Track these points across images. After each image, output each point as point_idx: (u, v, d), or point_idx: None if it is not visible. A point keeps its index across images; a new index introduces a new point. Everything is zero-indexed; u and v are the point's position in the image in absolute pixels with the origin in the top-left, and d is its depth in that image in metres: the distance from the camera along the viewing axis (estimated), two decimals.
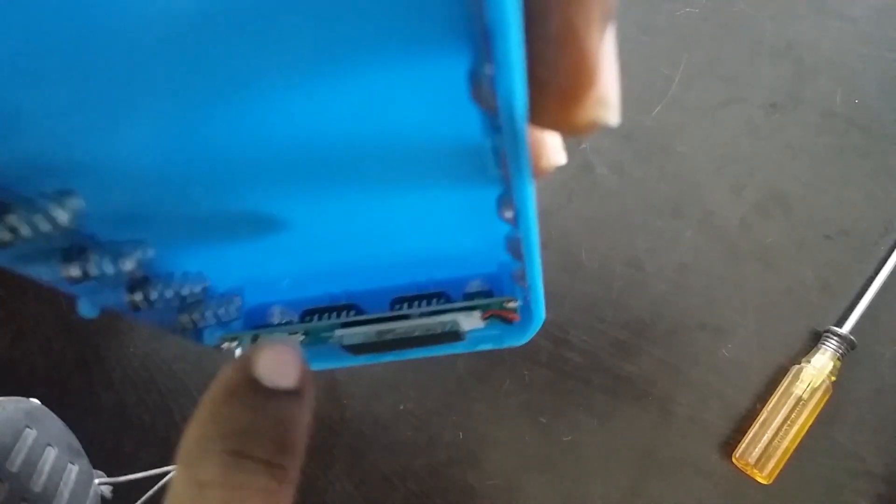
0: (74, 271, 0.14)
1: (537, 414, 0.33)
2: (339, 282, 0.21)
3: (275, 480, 0.13)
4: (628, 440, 0.33)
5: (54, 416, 0.27)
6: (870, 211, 0.35)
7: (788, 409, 0.32)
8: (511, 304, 0.20)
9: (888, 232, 0.34)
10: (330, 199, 0.16)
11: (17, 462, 0.24)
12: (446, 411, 0.34)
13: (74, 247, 0.14)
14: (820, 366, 0.32)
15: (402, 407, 0.34)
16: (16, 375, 0.34)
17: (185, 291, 0.18)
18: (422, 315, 0.20)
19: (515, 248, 0.17)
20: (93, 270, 0.14)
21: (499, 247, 0.19)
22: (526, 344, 0.33)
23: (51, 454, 0.26)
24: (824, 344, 0.32)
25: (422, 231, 0.19)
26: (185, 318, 0.18)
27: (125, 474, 0.33)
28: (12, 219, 0.12)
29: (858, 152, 0.36)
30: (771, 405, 0.32)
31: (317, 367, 0.23)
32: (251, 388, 0.14)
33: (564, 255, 0.35)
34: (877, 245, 0.34)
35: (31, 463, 0.24)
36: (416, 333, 0.21)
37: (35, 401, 0.26)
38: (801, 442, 0.31)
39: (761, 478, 0.31)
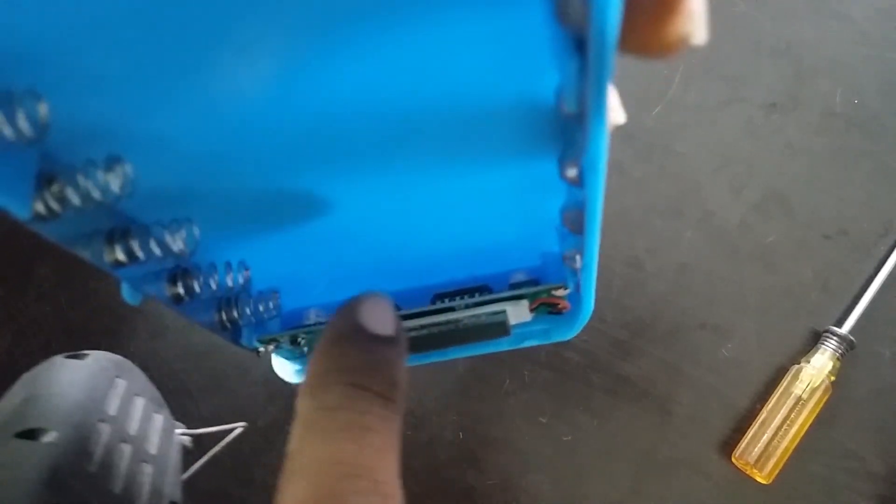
0: (119, 254, 0.14)
1: (537, 414, 0.33)
2: (377, 282, 0.19)
3: (388, 410, 0.16)
4: (628, 440, 0.33)
5: (139, 369, 0.28)
6: (869, 211, 0.35)
7: (788, 409, 0.32)
8: (560, 292, 0.19)
9: (888, 232, 0.34)
10: (377, 180, 0.16)
11: (113, 406, 0.25)
12: (446, 411, 0.34)
13: (119, 228, 0.14)
14: (819, 366, 0.32)
15: None
16: (16, 375, 0.34)
17: (227, 283, 0.17)
18: (467, 307, 0.19)
19: (574, 218, 0.16)
20: (137, 252, 0.14)
21: (547, 232, 0.18)
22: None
23: (139, 402, 0.27)
24: (824, 344, 0.32)
25: (468, 218, 0.18)
26: (225, 314, 0.18)
27: None
28: (62, 187, 0.12)
29: (858, 152, 0.36)
30: (770, 405, 0.32)
31: None
32: (359, 333, 0.16)
33: None
34: (876, 245, 0.34)
35: (125, 409, 0.25)
36: (462, 325, 0.19)
37: (119, 356, 0.27)
38: (800, 442, 0.32)
39: (761, 477, 0.31)
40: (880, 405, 0.33)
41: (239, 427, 0.30)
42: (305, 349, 0.21)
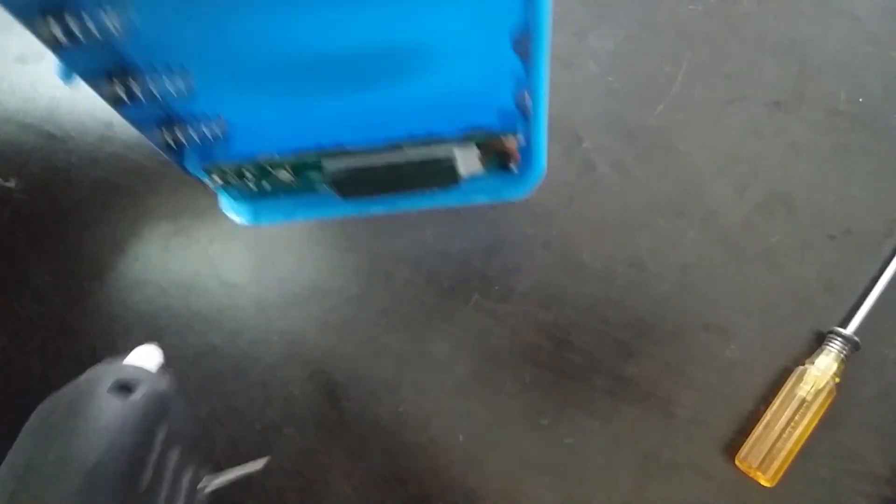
0: (55, 29, 0.14)
1: (538, 416, 0.33)
2: (332, 132, 0.19)
3: None
4: (630, 442, 0.32)
5: (181, 399, 0.25)
6: (874, 210, 0.34)
7: (792, 411, 0.31)
8: (512, 142, 0.19)
9: (893, 231, 0.34)
10: (338, 17, 0.15)
11: (150, 465, 0.22)
12: (446, 413, 0.33)
13: (55, 2, 0.14)
14: (824, 367, 0.32)
15: (401, 409, 0.33)
16: (11, 376, 0.34)
17: (167, 89, 0.17)
18: (416, 147, 0.19)
19: (524, 43, 0.16)
20: (73, 28, 0.14)
21: (501, 82, 0.18)
22: (526, 345, 0.33)
23: (174, 454, 0.24)
24: (828, 345, 0.32)
25: (426, 66, 0.18)
26: (168, 131, 0.18)
27: None
28: None
29: (863, 151, 0.35)
30: (774, 407, 0.32)
31: (303, 216, 0.22)
32: None
33: (566, 255, 0.35)
34: (881, 245, 0.34)
35: (160, 467, 0.23)
36: (410, 164, 0.19)
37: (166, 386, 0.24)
38: (804, 444, 0.31)
39: (764, 480, 0.31)
40: (885, 407, 0.32)
41: (262, 462, 0.29)
42: (254, 187, 0.21)
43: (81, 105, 0.39)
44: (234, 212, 0.22)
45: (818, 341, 0.33)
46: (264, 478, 0.32)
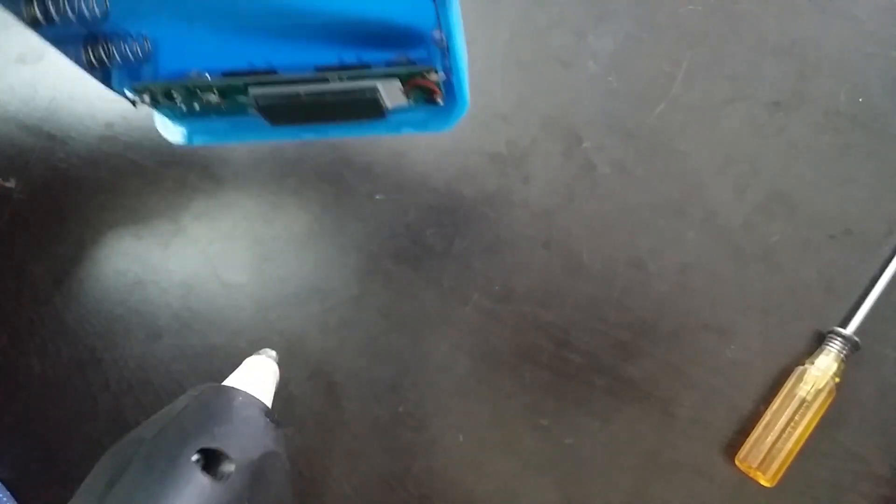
0: None
1: (538, 416, 0.33)
2: (261, 53, 0.19)
3: None
4: (630, 442, 0.32)
5: (284, 457, 0.22)
6: (874, 210, 0.34)
7: (792, 411, 0.31)
8: (433, 76, 0.19)
9: (893, 232, 0.34)
10: None
11: None
12: (446, 414, 0.33)
13: None
14: (824, 367, 0.32)
15: (401, 409, 0.33)
16: (11, 377, 0.34)
17: (83, 11, 0.17)
18: (340, 79, 0.19)
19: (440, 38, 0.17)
20: None
21: (421, 20, 0.19)
22: (526, 345, 0.33)
23: None
24: (828, 345, 0.32)
25: None
26: (91, 50, 0.18)
27: None
28: None
29: (863, 151, 0.35)
30: (774, 407, 0.32)
31: (235, 139, 0.22)
32: None
33: (566, 255, 0.35)
34: (881, 245, 0.34)
35: None
36: (334, 95, 0.19)
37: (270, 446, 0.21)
38: (804, 444, 0.31)
39: (764, 480, 0.31)
40: (885, 407, 0.32)
41: None
42: (183, 108, 0.21)
43: (81, 105, 0.39)
44: (167, 131, 0.23)
45: (818, 341, 0.33)
46: None
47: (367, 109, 0.20)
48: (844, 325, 0.33)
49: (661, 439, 0.32)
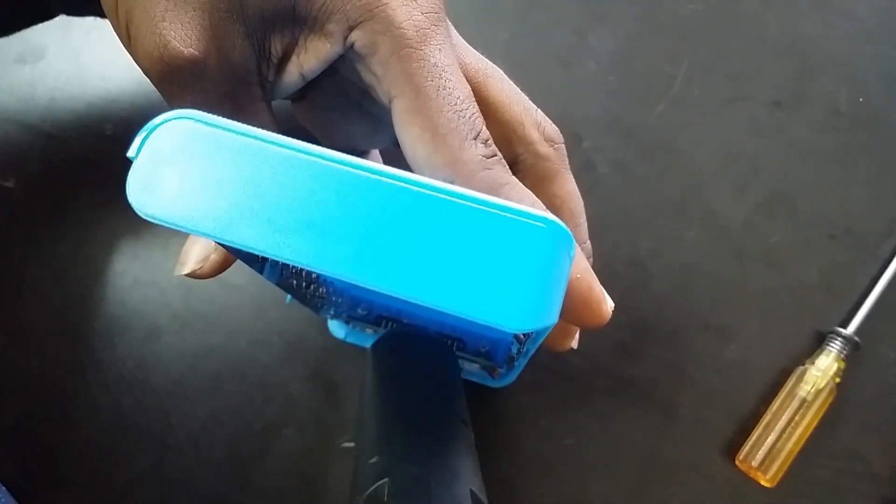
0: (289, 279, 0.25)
1: (538, 417, 0.33)
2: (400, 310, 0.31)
3: None
4: (631, 443, 0.32)
5: None
6: (875, 210, 0.34)
7: (792, 412, 0.31)
8: (498, 370, 0.32)
9: (893, 232, 0.34)
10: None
11: None
12: None
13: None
14: (824, 367, 0.32)
15: None
16: (11, 377, 0.34)
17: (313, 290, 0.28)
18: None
19: (512, 359, 0.28)
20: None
21: (503, 347, 0.30)
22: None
23: None
24: (828, 345, 0.32)
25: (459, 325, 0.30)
26: (306, 301, 0.29)
27: (121, 476, 0.32)
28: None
29: (863, 151, 0.35)
30: (775, 407, 0.32)
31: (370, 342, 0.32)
32: None
33: None
34: (881, 245, 0.34)
35: None
36: None
37: None
38: (805, 444, 0.31)
39: (765, 481, 0.31)
40: (886, 407, 0.32)
41: None
42: (347, 323, 0.33)
43: (81, 105, 0.38)
44: (335, 330, 0.34)
45: (818, 341, 0.33)
46: (263, 478, 0.32)
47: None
48: (845, 325, 0.33)
49: (661, 439, 0.32)
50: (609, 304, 0.21)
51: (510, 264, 0.14)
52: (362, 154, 0.27)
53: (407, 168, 0.20)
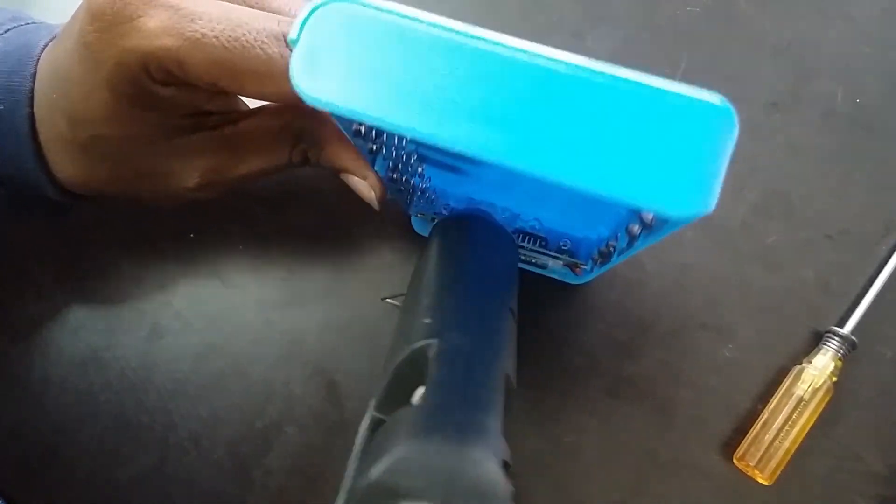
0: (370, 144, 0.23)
1: (536, 415, 0.33)
2: (489, 199, 0.31)
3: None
4: (629, 441, 0.33)
5: None
6: (871, 210, 0.35)
7: (790, 410, 0.31)
8: (581, 267, 0.32)
9: (889, 232, 0.34)
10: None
11: None
12: None
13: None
14: (821, 366, 0.32)
15: None
16: (11, 377, 0.34)
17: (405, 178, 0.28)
18: (530, 250, 0.32)
19: (608, 250, 0.27)
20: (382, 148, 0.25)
21: (602, 237, 0.28)
22: (526, 345, 0.33)
23: None
24: (825, 344, 0.32)
25: (567, 209, 0.29)
26: (401, 195, 0.30)
27: (123, 475, 0.33)
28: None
29: (860, 152, 0.36)
30: (772, 406, 0.32)
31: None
32: None
33: None
34: (878, 245, 0.34)
35: None
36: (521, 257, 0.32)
37: None
38: (802, 443, 0.31)
39: (762, 479, 0.31)
40: (882, 406, 0.33)
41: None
42: (432, 220, 0.33)
43: None
44: (418, 227, 0.35)
45: (816, 341, 0.33)
46: (265, 476, 0.32)
47: (535, 265, 0.33)
48: (842, 324, 0.33)
49: (659, 438, 0.32)
50: None
51: (680, 146, 0.13)
52: None
53: None
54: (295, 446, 0.33)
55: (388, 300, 0.34)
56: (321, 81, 0.14)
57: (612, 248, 0.26)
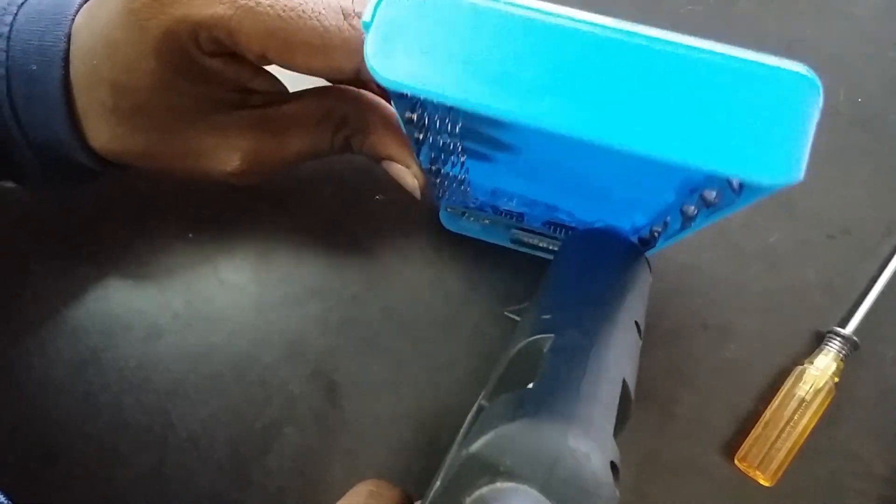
0: (417, 133, 0.23)
1: None
2: (524, 193, 0.29)
3: None
4: (630, 442, 0.32)
5: None
6: (873, 210, 0.35)
7: (791, 411, 0.31)
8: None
9: (891, 232, 0.34)
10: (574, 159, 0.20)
11: None
12: (446, 413, 0.33)
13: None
14: (823, 367, 0.32)
15: (401, 409, 0.33)
16: (11, 377, 0.34)
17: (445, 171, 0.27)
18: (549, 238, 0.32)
19: (652, 235, 0.27)
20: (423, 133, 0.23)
21: (651, 220, 0.27)
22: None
23: None
24: (827, 345, 0.32)
25: (610, 193, 0.26)
26: (434, 188, 0.30)
27: (123, 475, 0.33)
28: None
29: (861, 151, 0.35)
30: (773, 406, 0.32)
31: (484, 237, 0.34)
32: None
33: None
34: (880, 245, 0.34)
35: None
36: (541, 245, 0.33)
37: None
38: (803, 444, 0.31)
39: (764, 479, 0.31)
40: (884, 406, 0.32)
41: None
42: (461, 215, 0.33)
43: None
44: (446, 221, 0.34)
45: (817, 341, 0.33)
46: (264, 477, 0.32)
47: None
48: (843, 324, 0.33)
49: (660, 438, 0.32)
50: None
51: (769, 115, 0.14)
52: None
53: None
54: (294, 447, 0.33)
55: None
56: (396, 62, 0.14)
57: (656, 234, 0.26)
